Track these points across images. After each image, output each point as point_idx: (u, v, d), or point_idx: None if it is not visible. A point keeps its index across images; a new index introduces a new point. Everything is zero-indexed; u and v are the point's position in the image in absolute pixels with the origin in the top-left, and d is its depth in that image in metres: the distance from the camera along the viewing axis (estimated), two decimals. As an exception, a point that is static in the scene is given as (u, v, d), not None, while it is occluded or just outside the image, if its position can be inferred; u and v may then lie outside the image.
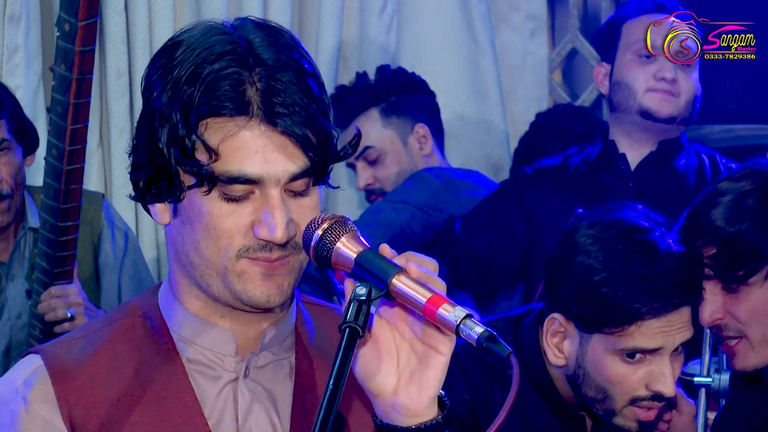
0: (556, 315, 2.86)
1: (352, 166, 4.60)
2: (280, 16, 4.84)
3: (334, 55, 4.96)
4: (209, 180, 1.96)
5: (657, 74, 3.75)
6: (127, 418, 2.03)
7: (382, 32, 5.06)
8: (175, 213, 2.03)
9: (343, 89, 4.58)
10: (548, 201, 3.86)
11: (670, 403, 2.93)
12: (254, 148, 1.96)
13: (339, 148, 2.06)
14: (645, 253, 2.75)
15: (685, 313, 2.78)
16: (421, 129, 4.52)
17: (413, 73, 4.59)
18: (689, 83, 3.77)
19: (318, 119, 1.99)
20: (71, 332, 2.15)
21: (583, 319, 2.81)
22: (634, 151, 3.86)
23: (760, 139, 5.02)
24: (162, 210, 2.04)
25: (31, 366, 2.07)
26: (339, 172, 5.01)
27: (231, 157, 1.96)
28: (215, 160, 1.95)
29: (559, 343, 2.87)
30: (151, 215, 2.07)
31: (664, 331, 2.77)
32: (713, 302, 2.73)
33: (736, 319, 2.71)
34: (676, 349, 2.82)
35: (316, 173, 2.01)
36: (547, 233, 3.76)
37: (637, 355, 2.79)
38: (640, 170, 3.82)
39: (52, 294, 3.66)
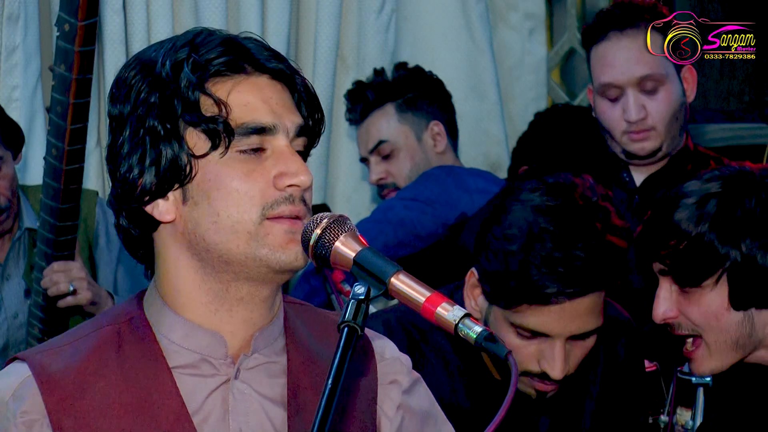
0: (475, 270, 2.85)
1: (365, 160, 4.61)
2: (278, 14, 4.84)
3: (332, 55, 4.96)
4: (227, 132, 1.99)
5: (624, 116, 3.63)
6: (115, 426, 2.03)
7: (381, 31, 5.05)
8: (184, 199, 2.02)
9: (361, 84, 4.60)
10: None
11: None
12: (261, 99, 2.02)
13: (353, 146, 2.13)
14: (561, 235, 2.69)
15: (581, 303, 2.72)
16: (436, 126, 4.53)
17: (430, 73, 4.60)
18: (661, 108, 3.60)
19: (302, 75, 2.09)
20: (57, 339, 2.15)
21: (486, 286, 2.79)
22: (638, 166, 3.74)
23: (758, 138, 5.03)
24: (168, 205, 2.04)
25: (19, 376, 2.06)
26: (355, 166, 5.01)
27: (241, 110, 2.01)
28: (227, 114, 1.99)
29: (476, 296, 2.86)
30: (145, 223, 2.06)
31: (555, 318, 2.73)
32: (667, 300, 2.72)
33: (690, 320, 2.71)
34: (578, 336, 2.78)
35: (312, 133, 2.09)
36: None
37: (528, 333, 2.76)
38: (648, 184, 3.73)
39: (54, 269, 3.65)
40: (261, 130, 2.01)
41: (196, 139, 2.01)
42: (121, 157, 2.03)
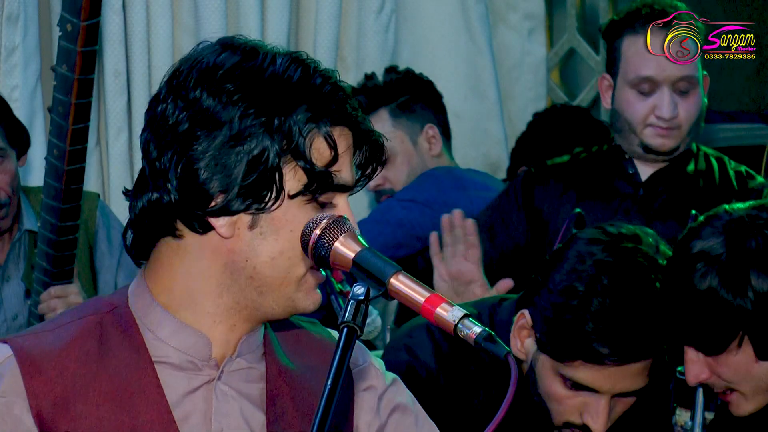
0: (527, 313, 2.83)
1: None
2: (277, 15, 4.84)
3: (332, 55, 4.96)
4: (325, 184, 2.00)
5: (656, 111, 3.65)
6: (95, 414, 2.03)
7: (380, 32, 5.06)
8: (252, 225, 2.01)
9: (352, 90, 4.56)
10: (557, 201, 3.80)
11: None
12: (349, 158, 2.05)
13: None
14: (622, 298, 2.70)
15: (635, 366, 2.74)
16: (431, 129, 4.51)
17: (421, 74, 4.58)
18: (691, 110, 3.66)
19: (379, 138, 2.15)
20: (38, 325, 2.14)
21: (540, 335, 2.79)
22: (644, 162, 3.78)
23: (759, 139, 5.03)
24: (231, 222, 2.01)
25: (0, 356, 2.06)
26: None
27: (340, 165, 2.02)
28: (331, 165, 2.01)
29: (524, 338, 2.84)
30: (200, 226, 2.03)
31: (606, 376, 2.74)
32: (696, 364, 2.70)
33: (723, 378, 2.70)
34: (625, 393, 2.78)
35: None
36: (555, 234, 3.71)
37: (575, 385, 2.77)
38: (652, 180, 3.75)
39: (51, 294, 3.66)
40: (344, 189, 2.04)
41: (291, 176, 2.00)
42: (199, 159, 1.99)
